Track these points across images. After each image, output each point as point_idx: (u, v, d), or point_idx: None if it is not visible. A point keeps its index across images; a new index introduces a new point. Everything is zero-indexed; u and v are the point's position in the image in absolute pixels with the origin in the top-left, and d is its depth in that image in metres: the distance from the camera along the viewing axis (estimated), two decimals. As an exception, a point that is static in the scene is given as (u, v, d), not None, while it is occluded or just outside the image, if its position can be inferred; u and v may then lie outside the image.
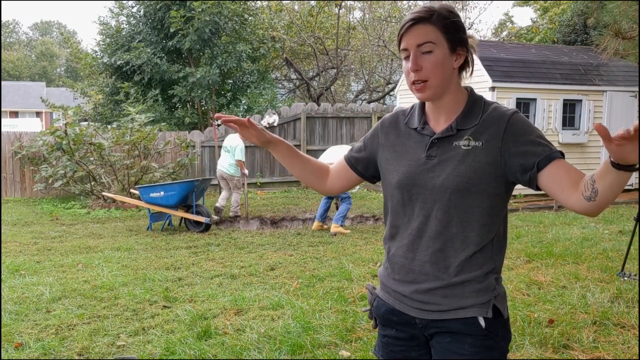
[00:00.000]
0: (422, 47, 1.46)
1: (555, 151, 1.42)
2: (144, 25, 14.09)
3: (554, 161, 1.41)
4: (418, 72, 1.46)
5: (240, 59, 13.69)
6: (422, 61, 1.46)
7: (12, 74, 54.31)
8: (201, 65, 13.40)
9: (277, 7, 17.40)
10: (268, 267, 5.54)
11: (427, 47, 1.45)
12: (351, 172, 1.72)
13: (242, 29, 14.16)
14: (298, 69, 18.14)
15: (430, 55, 1.46)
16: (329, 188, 1.74)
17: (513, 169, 1.46)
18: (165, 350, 3.44)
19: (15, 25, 68.99)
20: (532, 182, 1.43)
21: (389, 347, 1.66)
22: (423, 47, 1.46)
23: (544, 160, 1.41)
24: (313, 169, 1.72)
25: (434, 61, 1.46)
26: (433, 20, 1.46)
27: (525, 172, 1.43)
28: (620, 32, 6.89)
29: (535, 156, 1.42)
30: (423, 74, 1.46)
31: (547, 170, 1.41)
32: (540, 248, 6.14)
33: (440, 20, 1.46)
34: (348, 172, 1.72)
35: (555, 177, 1.39)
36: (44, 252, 6.38)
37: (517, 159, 1.44)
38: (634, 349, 3.42)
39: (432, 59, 1.46)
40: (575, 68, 10.62)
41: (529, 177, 1.43)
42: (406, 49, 1.48)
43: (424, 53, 1.46)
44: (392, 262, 1.62)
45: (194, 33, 12.63)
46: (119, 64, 13.32)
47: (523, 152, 1.43)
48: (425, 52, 1.46)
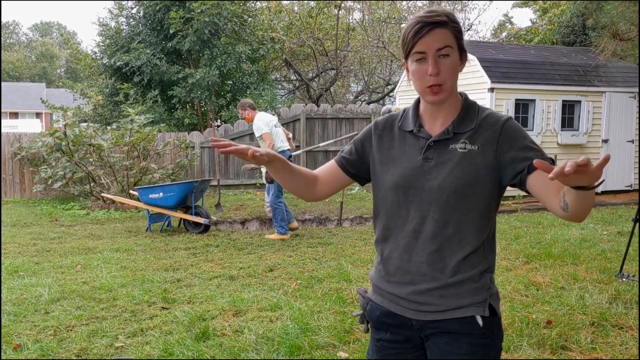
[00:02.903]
0: (442, 51, 1.47)
1: (546, 157, 1.46)
2: (144, 26, 14.09)
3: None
4: (438, 76, 1.47)
5: (239, 60, 13.70)
6: (440, 65, 1.48)
7: (12, 75, 54.33)
8: (201, 66, 13.41)
9: (277, 8, 17.41)
10: (267, 268, 5.54)
11: (446, 51, 1.47)
12: (342, 174, 1.71)
13: (242, 30, 14.17)
14: (298, 70, 18.14)
15: (448, 60, 1.48)
16: (319, 194, 1.73)
17: (506, 172, 1.50)
18: (164, 351, 3.44)
19: (15, 26, 69.03)
20: (522, 184, 1.48)
21: (383, 350, 1.66)
22: (442, 51, 1.47)
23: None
24: (305, 179, 1.69)
25: (451, 65, 1.49)
26: (449, 26, 1.48)
27: (517, 175, 1.48)
28: (618, 33, 6.90)
29: (527, 160, 1.46)
30: (441, 78, 1.48)
31: (535, 174, 1.44)
32: (539, 249, 6.14)
33: (453, 26, 1.49)
34: (339, 174, 1.72)
35: (542, 181, 1.43)
36: (43, 253, 6.38)
37: (511, 163, 1.49)
38: (632, 350, 3.43)
39: (449, 63, 1.48)
40: (575, 69, 10.63)
41: (519, 180, 1.48)
42: (423, 51, 1.47)
43: (441, 57, 1.47)
44: (386, 264, 1.62)
45: (193, 34, 12.64)
46: (119, 65, 13.32)
47: (516, 156, 1.48)
48: (443, 56, 1.47)
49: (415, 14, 1.51)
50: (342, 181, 1.73)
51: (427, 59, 1.48)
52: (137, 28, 14.33)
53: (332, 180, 1.72)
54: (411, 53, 1.50)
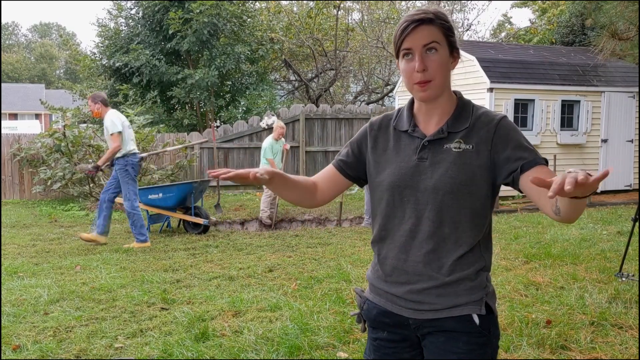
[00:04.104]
0: (428, 46, 1.48)
1: (540, 158, 1.48)
2: (143, 27, 14.10)
3: (537, 167, 1.45)
4: (424, 72, 1.48)
5: (239, 61, 13.70)
6: (427, 61, 1.48)
7: (11, 76, 54.33)
8: (200, 66, 13.41)
9: (276, 8, 17.42)
10: (266, 269, 5.54)
11: (433, 46, 1.48)
12: (341, 177, 1.71)
13: (241, 30, 14.17)
14: (297, 71, 18.14)
15: (436, 56, 1.48)
16: (319, 201, 1.72)
17: (500, 171, 1.50)
18: (163, 352, 3.44)
19: (14, 28, 69.04)
20: (515, 183, 1.49)
21: (380, 350, 1.66)
22: (429, 46, 1.48)
23: (527, 164, 1.46)
24: (305, 189, 1.67)
25: (439, 61, 1.49)
26: (436, 23, 1.49)
27: (510, 174, 1.48)
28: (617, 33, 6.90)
29: (521, 160, 1.47)
30: (429, 74, 1.48)
31: (528, 173, 1.45)
32: (539, 249, 6.14)
33: (441, 23, 1.50)
34: (338, 178, 1.71)
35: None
36: (42, 254, 6.38)
37: (505, 162, 1.49)
38: (631, 349, 3.43)
39: (437, 59, 1.48)
40: (574, 69, 10.63)
41: (512, 179, 1.48)
42: (410, 48, 1.49)
43: (428, 53, 1.48)
44: (383, 264, 1.62)
45: (192, 35, 12.64)
46: (118, 66, 13.33)
47: (510, 155, 1.48)
48: (430, 52, 1.48)
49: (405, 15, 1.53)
50: (342, 185, 1.72)
51: (414, 56, 1.48)
52: (136, 29, 14.33)
53: (332, 185, 1.72)
54: (400, 51, 1.51)
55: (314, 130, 12.91)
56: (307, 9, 17.89)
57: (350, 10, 18.75)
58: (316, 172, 1.80)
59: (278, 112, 12.96)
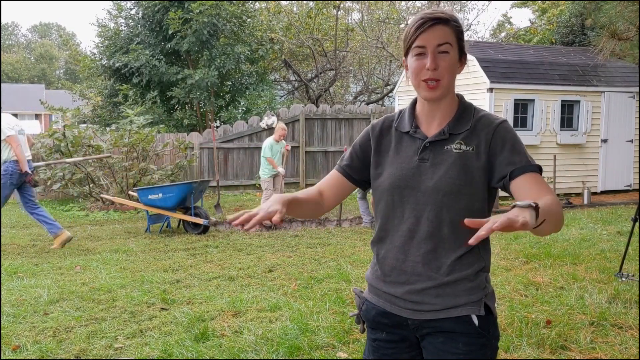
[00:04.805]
0: (441, 47, 1.49)
1: (532, 165, 1.48)
2: (142, 27, 14.10)
3: (527, 174, 1.47)
4: (435, 70, 1.49)
5: (238, 61, 13.70)
6: (438, 61, 1.49)
7: (11, 76, 54.33)
8: (200, 67, 13.41)
9: (276, 8, 17.41)
10: (266, 269, 5.54)
11: (445, 47, 1.49)
12: (347, 182, 1.71)
13: (241, 30, 14.18)
14: (297, 71, 18.14)
15: (447, 56, 1.49)
16: (326, 208, 1.73)
17: (494, 174, 1.52)
18: (163, 352, 3.44)
19: (14, 28, 69.03)
20: (505, 188, 1.51)
21: (379, 350, 1.66)
22: (442, 47, 1.49)
23: (518, 170, 1.47)
24: (314, 203, 1.67)
25: (450, 62, 1.50)
26: (451, 24, 1.50)
27: (501, 179, 1.50)
28: (617, 33, 6.90)
29: (512, 165, 1.48)
30: (438, 73, 1.49)
31: (518, 180, 1.46)
32: (539, 249, 6.14)
33: (455, 25, 1.52)
34: (344, 182, 1.72)
35: (522, 188, 1.45)
36: (42, 254, 6.38)
37: (499, 165, 1.51)
38: (631, 349, 3.43)
39: (448, 59, 1.50)
40: (574, 69, 10.63)
41: (503, 184, 1.50)
42: (423, 46, 1.49)
43: (440, 53, 1.49)
44: (382, 264, 1.63)
45: (192, 35, 12.65)
46: (118, 66, 13.33)
47: (504, 159, 1.50)
48: (442, 53, 1.49)
49: (420, 12, 1.53)
50: (347, 190, 1.74)
51: (426, 54, 1.49)
52: (136, 29, 14.33)
53: (338, 191, 1.73)
54: (412, 47, 1.51)
55: (314, 130, 12.91)
56: (307, 9, 17.88)
57: (350, 11, 18.75)
58: (316, 172, 1.81)
59: (278, 112, 12.96)
